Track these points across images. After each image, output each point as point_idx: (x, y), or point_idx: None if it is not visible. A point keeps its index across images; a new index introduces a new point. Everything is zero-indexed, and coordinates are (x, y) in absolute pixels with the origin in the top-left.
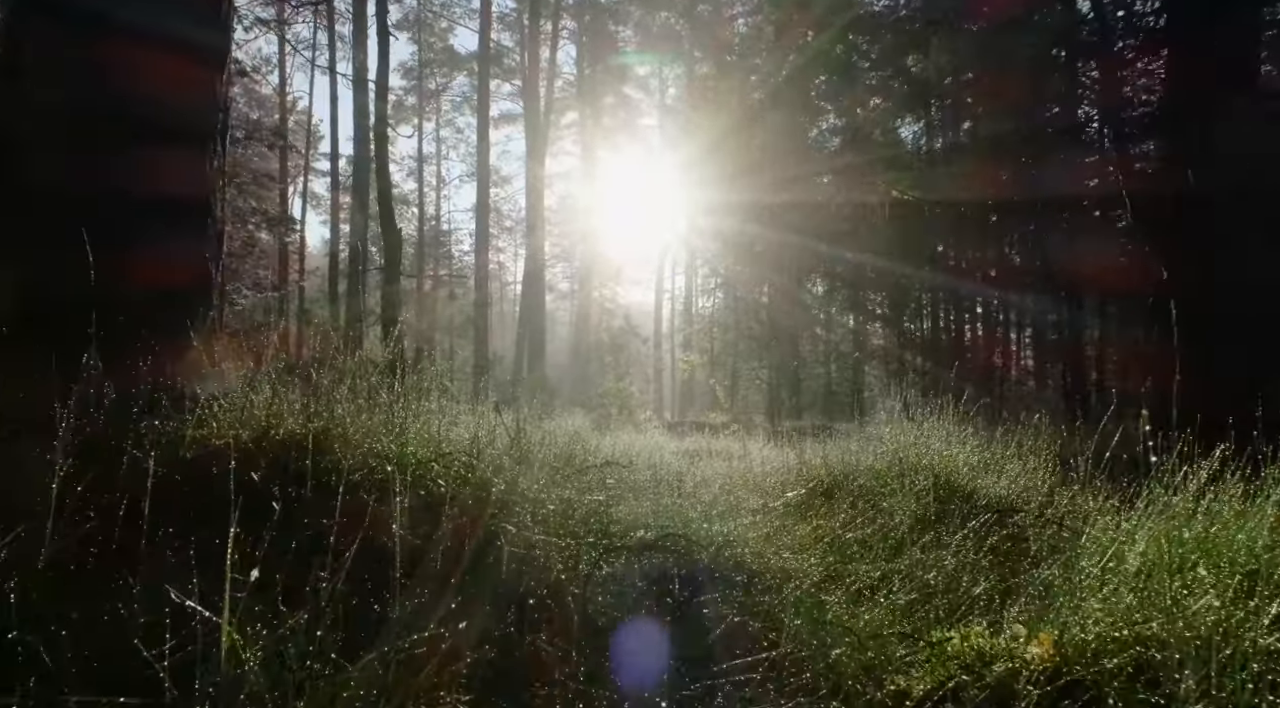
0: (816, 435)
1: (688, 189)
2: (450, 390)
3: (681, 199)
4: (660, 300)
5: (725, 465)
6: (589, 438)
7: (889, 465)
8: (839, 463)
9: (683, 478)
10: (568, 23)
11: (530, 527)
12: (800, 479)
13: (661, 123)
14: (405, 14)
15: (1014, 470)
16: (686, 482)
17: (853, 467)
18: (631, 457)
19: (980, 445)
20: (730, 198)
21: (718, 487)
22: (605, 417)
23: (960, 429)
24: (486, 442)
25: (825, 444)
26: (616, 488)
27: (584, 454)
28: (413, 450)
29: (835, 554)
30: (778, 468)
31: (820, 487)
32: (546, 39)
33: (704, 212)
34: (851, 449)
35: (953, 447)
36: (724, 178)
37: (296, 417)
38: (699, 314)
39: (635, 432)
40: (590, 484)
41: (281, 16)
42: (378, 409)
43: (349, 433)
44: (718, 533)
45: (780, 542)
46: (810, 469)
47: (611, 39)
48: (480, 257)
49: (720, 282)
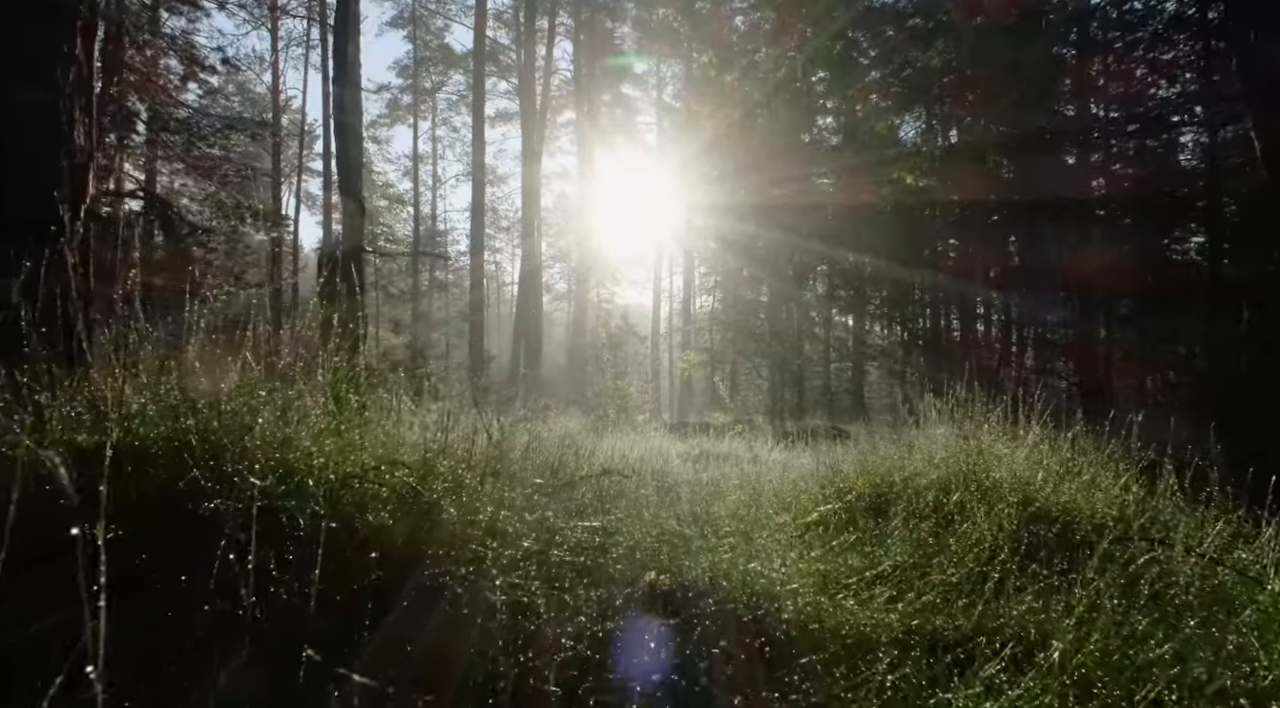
0: (828, 437)
1: (686, 188)
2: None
3: (680, 198)
4: (658, 300)
5: (736, 471)
6: (584, 441)
7: (944, 476)
8: (878, 471)
9: (694, 490)
10: (564, 20)
11: (491, 574)
12: (831, 491)
13: (659, 121)
14: (400, 11)
15: (1103, 482)
16: (699, 493)
17: (892, 475)
18: (632, 463)
19: (1047, 452)
20: (729, 196)
21: (734, 499)
22: (603, 418)
23: (1015, 431)
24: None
25: (840, 448)
26: (615, 504)
27: (576, 462)
28: (341, 462)
29: (920, 604)
30: (798, 475)
31: (859, 501)
32: (543, 36)
33: (702, 210)
34: (885, 455)
35: (1017, 452)
36: (723, 176)
37: (166, 415)
38: (698, 313)
39: (634, 434)
40: (583, 504)
41: (274, 11)
42: (311, 410)
43: (256, 438)
44: (755, 574)
45: (838, 580)
46: (843, 479)
47: (609, 36)
48: (475, 257)
49: (719, 281)
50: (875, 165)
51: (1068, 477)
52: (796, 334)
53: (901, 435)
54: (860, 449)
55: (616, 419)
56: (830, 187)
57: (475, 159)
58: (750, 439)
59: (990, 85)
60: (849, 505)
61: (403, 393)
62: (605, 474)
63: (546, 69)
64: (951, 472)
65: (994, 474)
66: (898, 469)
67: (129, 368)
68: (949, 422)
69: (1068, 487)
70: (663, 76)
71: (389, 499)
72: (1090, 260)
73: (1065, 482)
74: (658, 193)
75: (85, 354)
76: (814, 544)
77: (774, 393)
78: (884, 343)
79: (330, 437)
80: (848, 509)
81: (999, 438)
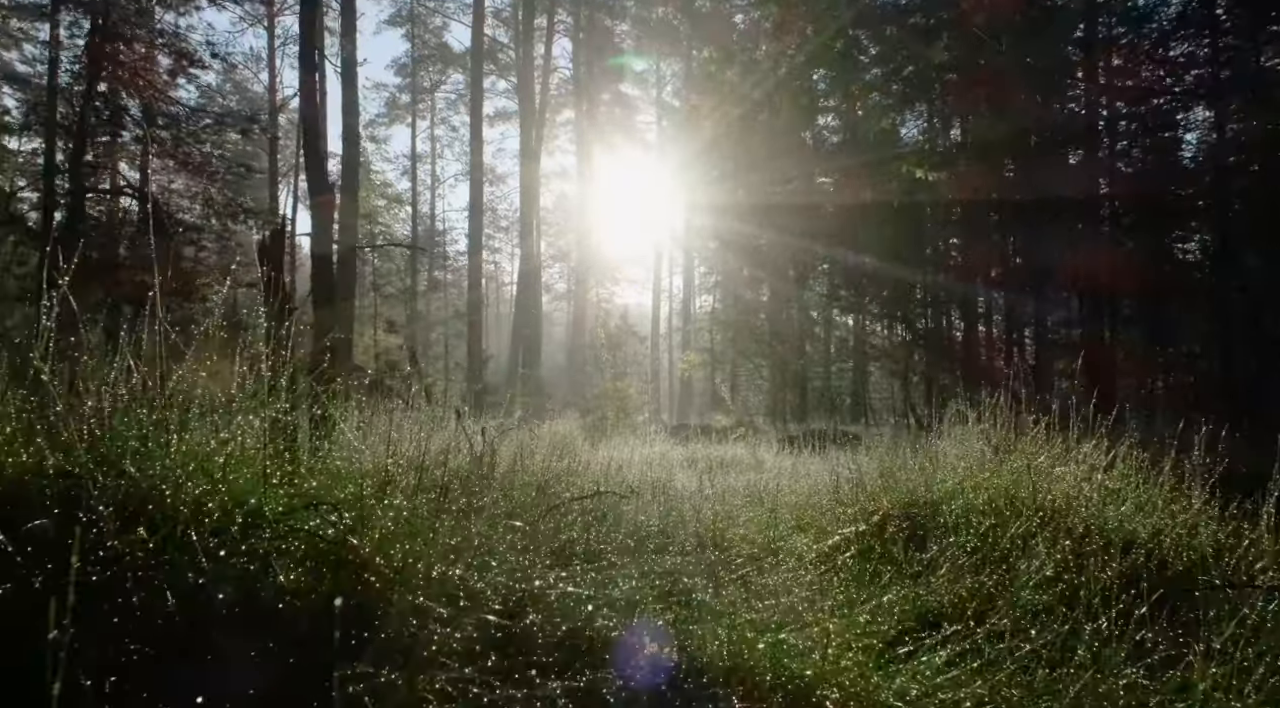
0: (835, 442)
1: (686, 187)
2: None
3: (680, 197)
4: (658, 300)
5: (743, 481)
6: (580, 448)
7: (990, 498)
8: (903, 486)
9: (699, 508)
10: (563, 18)
11: (430, 668)
12: (854, 509)
13: (659, 120)
14: (398, 9)
15: (1179, 507)
16: (705, 513)
17: (918, 490)
18: (629, 474)
19: (1101, 467)
20: (729, 196)
21: (747, 519)
22: (601, 420)
23: (1052, 441)
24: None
25: (850, 454)
26: (610, 536)
27: (568, 477)
28: (263, 500)
29: (993, 680)
30: (810, 486)
31: (886, 522)
32: (541, 34)
33: (703, 210)
34: (907, 466)
35: (1061, 467)
36: (723, 175)
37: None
38: (698, 313)
39: (634, 438)
40: (571, 540)
41: (270, 6)
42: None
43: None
44: (785, 648)
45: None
46: (867, 496)
47: (608, 34)
48: (473, 258)
49: (719, 280)
50: (877, 164)
51: (1129, 498)
52: (798, 335)
53: (918, 443)
54: (874, 457)
55: (615, 422)
56: (831, 185)
57: (473, 159)
58: (754, 443)
59: (993, 83)
60: (875, 528)
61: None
62: (599, 496)
63: (545, 67)
64: (994, 491)
65: (1044, 495)
66: (925, 485)
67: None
68: (970, 428)
69: (1144, 514)
70: (662, 75)
71: (307, 554)
72: (1096, 259)
73: (1128, 505)
74: (657, 192)
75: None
76: (845, 580)
77: (775, 394)
78: (885, 343)
79: (245, 467)
80: (874, 532)
81: (1040, 449)
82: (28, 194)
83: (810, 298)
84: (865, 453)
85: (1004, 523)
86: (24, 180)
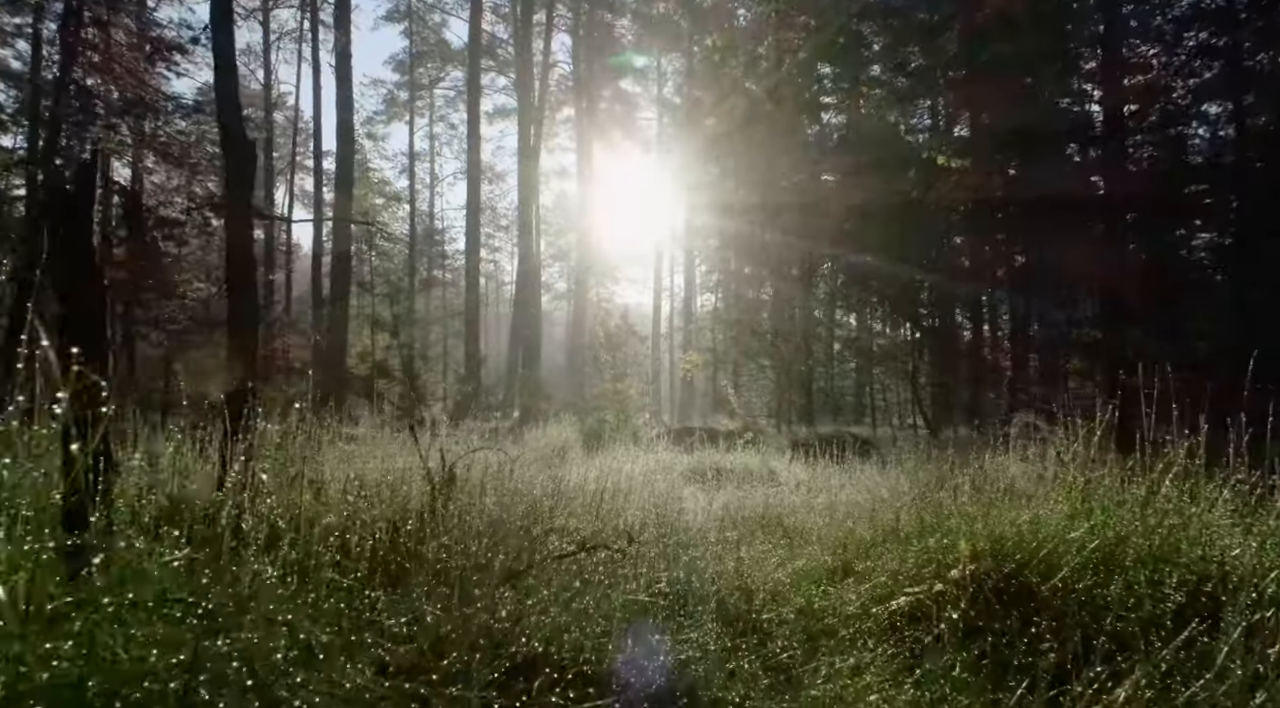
0: (852, 449)
1: (687, 185)
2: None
3: (681, 195)
4: (659, 299)
5: (758, 496)
6: (575, 456)
7: (1109, 548)
8: (987, 531)
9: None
10: (563, 13)
11: None
12: (916, 552)
13: (660, 117)
14: (396, 4)
15: None
16: (728, 564)
17: (1007, 530)
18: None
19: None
20: (731, 193)
21: (779, 567)
22: (600, 423)
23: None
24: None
25: (874, 465)
26: (593, 620)
27: (556, 499)
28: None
29: None
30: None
31: (973, 580)
32: (540, 31)
33: (704, 208)
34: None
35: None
36: (724, 173)
37: None
38: (699, 313)
39: (634, 444)
40: (537, 656)
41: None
42: None
43: None
44: None
45: None
46: (928, 531)
47: (608, 30)
48: (471, 258)
49: (721, 279)
50: (878, 163)
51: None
52: (802, 334)
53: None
54: (906, 472)
55: (615, 425)
56: (834, 183)
57: (470, 157)
58: (762, 450)
59: (999, 78)
60: (957, 586)
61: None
62: (588, 551)
63: (544, 64)
64: (1113, 540)
65: (1203, 549)
66: (1012, 523)
67: None
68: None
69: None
70: (664, 72)
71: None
72: (1109, 259)
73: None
74: (658, 190)
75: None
76: (941, 688)
77: (779, 395)
78: (890, 344)
79: None
80: (956, 594)
81: (1152, 479)
82: (21, 192)
83: (814, 297)
84: (894, 466)
85: (1158, 591)
86: (16, 177)
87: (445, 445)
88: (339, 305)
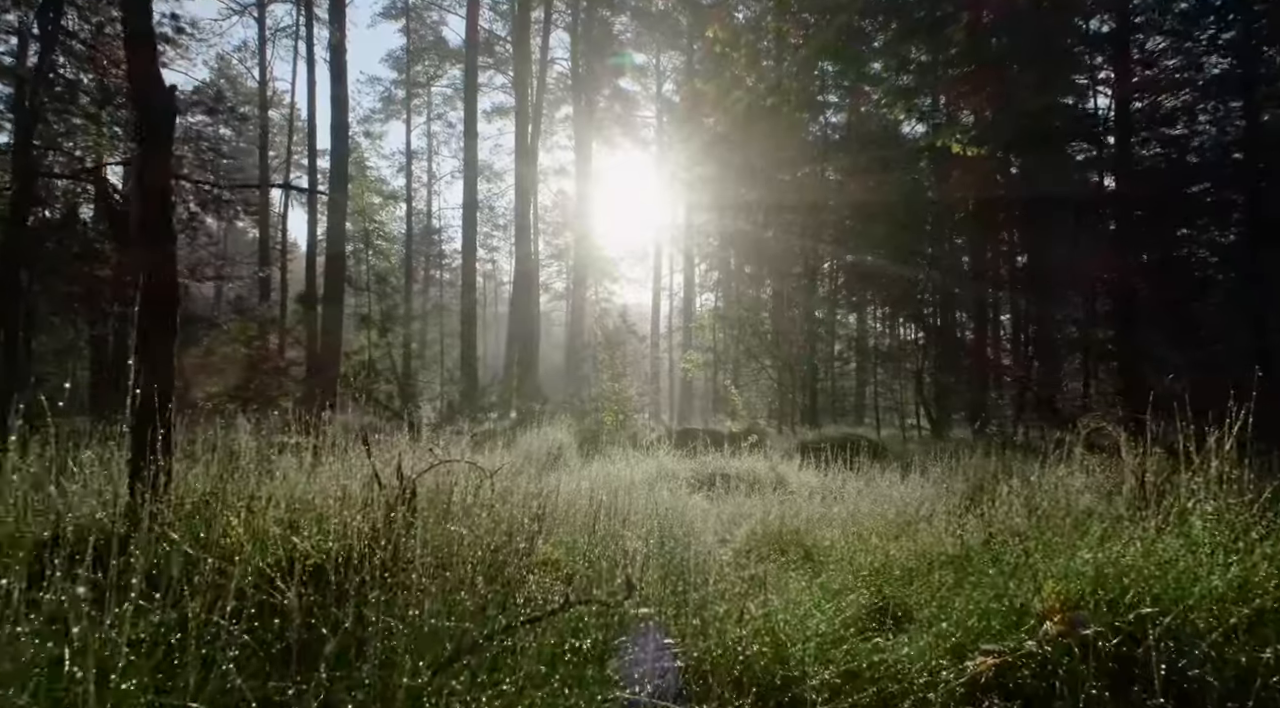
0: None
1: (687, 184)
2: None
3: (680, 194)
4: (658, 298)
5: (773, 511)
6: (570, 463)
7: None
8: (1070, 570)
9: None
10: (561, 10)
11: None
12: (986, 597)
13: (659, 115)
14: (394, 1)
15: None
16: (753, 609)
17: (1107, 570)
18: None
19: None
20: (731, 192)
21: (811, 610)
22: (597, 424)
23: None
24: None
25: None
26: None
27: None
28: None
29: None
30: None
31: (1072, 636)
32: (539, 28)
33: (704, 206)
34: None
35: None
36: (724, 171)
37: None
38: (699, 312)
39: (633, 447)
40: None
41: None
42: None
43: None
44: None
45: None
46: (1025, 598)
47: (607, 28)
48: (467, 259)
49: (721, 278)
50: (879, 162)
51: None
52: (802, 334)
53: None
54: (937, 485)
55: (614, 427)
56: (836, 181)
57: (467, 156)
58: (768, 453)
59: (1003, 74)
60: (1059, 642)
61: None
62: (581, 606)
63: (542, 62)
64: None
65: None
66: (1112, 563)
67: None
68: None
69: None
70: (663, 70)
71: None
72: (1118, 258)
73: None
74: (657, 188)
75: None
76: None
77: (781, 395)
78: (892, 343)
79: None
80: (1056, 656)
81: None
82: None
83: (815, 296)
84: (915, 472)
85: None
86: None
87: (424, 452)
88: (333, 306)
